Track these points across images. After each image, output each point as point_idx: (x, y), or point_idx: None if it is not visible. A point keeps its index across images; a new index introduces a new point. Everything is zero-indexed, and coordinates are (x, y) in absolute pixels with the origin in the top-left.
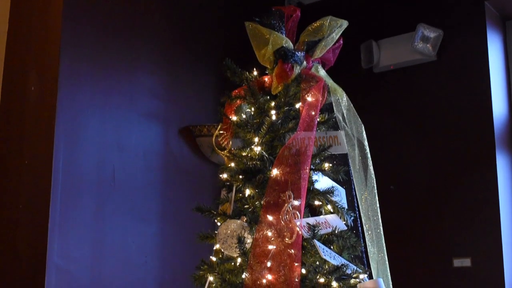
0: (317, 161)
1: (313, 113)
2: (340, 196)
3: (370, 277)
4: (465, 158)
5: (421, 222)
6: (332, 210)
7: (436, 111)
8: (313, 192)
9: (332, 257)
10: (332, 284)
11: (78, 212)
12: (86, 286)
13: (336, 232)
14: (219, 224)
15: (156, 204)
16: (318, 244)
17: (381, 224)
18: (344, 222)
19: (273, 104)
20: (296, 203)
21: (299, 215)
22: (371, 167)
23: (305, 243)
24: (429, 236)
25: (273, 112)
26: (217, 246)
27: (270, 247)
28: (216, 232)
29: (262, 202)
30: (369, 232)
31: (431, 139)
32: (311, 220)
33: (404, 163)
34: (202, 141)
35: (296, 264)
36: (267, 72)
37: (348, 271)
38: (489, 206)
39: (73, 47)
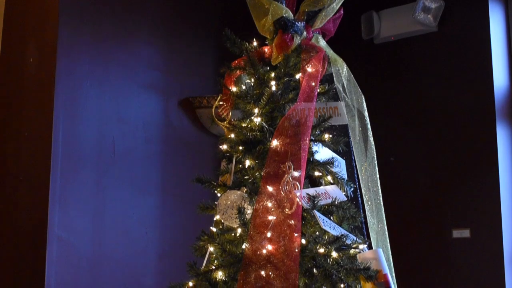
0: (317, 132)
1: (313, 83)
2: (340, 167)
3: (370, 247)
4: (465, 129)
5: (421, 193)
6: (332, 181)
7: (437, 82)
8: (313, 163)
9: (332, 228)
10: (332, 254)
11: (78, 184)
12: (87, 257)
13: (336, 202)
14: (219, 195)
15: (156, 175)
16: (318, 214)
17: (381, 195)
18: (344, 193)
19: (273, 74)
20: (296, 174)
21: (299, 186)
22: (371, 138)
23: (305, 214)
24: (428, 207)
25: (273, 82)
26: (217, 217)
27: (270, 217)
28: (216, 203)
29: (262, 173)
30: (369, 203)
31: (431, 110)
32: (311, 191)
33: (404, 134)
34: (201, 112)
35: (296, 234)
36: (267, 42)
37: (348, 242)
38: (489, 178)
39: (71, 19)
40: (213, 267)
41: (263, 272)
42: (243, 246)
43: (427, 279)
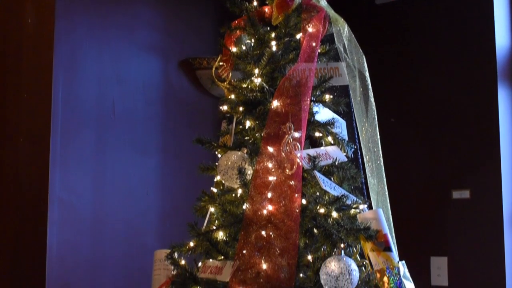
0: (318, 92)
1: (314, 44)
2: (341, 127)
3: (370, 207)
4: (466, 90)
5: (421, 154)
6: (332, 142)
7: (438, 43)
8: (313, 124)
9: (332, 188)
10: (332, 214)
11: (79, 145)
12: (89, 218)
13: (337, 163)
14: (219, 156)
15: (156, 136)
16: (318, 175)
17: (381, 155)
18: (345, 154)
19: (273, 35)
20: (296, 134)
21: (299, 146)
22: (372, 99)
23: (306, 174)
24: (428, 168)
25: (273, 43)
26: (217, 178)
27: (271, 178)
28: (216, 163)
29: (262, 134)
30: (369, 163)
31: (432, 71)
32: (312, 152)
33: (405, 95)
34: (201, 74)
35: (296, 195)
36: (267, 2)
37: (348, 202)
38: (489, 139)
39: None
40: (214, 227)
41: (263, 232)
42: (244, 207)
43: (427, 239)
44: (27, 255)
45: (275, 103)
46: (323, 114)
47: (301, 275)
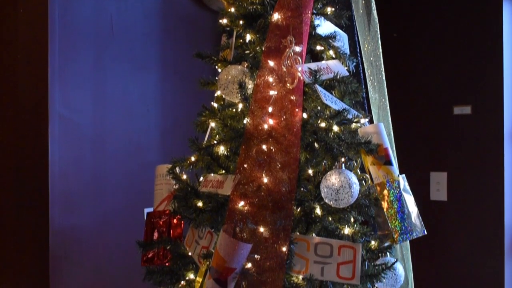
0: (319, 5)
1: None
2: (342, 41)
3: (371, 122)
4: (471, 5)
5: (422, 70)
6: (334, 56)
7: None
8: (314, 37)
9: (333, 102)
10: (333, 128)
11: (77, 62)
12: (89, 135)
13: (338, 77)
14: (220, 70)
15: (155, 52)
16: (319, 89)
17: (383, 70)
18: (346, 68)
19: None
20: (297, 48)
21: (300, 60)
22: (374, 12)
23: (307, 89)
24: (429, 84)
25: None
26: (218, 93)
27: (272, 92)
28: (217, 78)
29: (263, 48)
30: (371, 77)
31: None
32: (313, 66)
33: (407, 11)
34: None
35: (297, 109)
36: None
37: (349, 116)
38: (492, 54)
39: None
40: (215, 142)
41: (264, 147)
42: (245, 121)
43: (427, 154)
44: (29, 173)
45: (276, 16)
46: (324, 27)
47: (301, 189)
